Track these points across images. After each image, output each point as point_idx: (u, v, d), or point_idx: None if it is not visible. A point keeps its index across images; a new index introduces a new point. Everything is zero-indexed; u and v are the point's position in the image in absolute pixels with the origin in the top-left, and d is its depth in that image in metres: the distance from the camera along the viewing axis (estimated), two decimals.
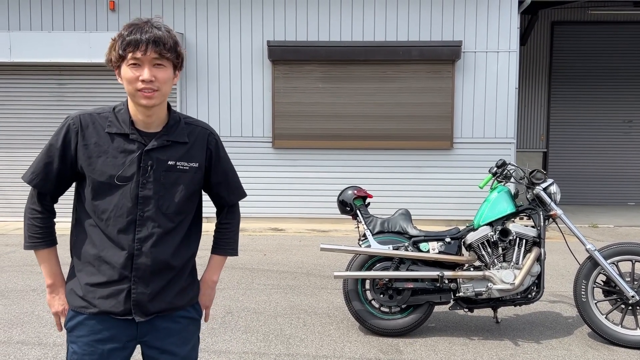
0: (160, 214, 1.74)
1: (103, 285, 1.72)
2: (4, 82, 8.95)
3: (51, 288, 1.82)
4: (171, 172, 1.75)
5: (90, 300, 1.73)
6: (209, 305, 2.01)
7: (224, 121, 8.85)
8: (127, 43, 1.65)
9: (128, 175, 1.70)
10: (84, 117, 1.74)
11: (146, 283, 1.73)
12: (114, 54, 1.69)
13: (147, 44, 1.64)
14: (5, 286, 5.13)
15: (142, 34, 1.65)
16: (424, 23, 8.70)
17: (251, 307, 4.58)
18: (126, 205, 1.70)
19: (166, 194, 1.75)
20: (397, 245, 3.94)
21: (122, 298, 1.72)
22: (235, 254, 2.04)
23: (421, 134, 8.72)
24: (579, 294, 3.87)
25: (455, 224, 8.58)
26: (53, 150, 1.73)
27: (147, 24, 1.68)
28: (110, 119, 1.74)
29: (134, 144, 1.72)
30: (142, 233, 1.72)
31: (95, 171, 1.70)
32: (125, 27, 1.69)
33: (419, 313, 3.93)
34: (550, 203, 3.91)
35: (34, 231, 1.77)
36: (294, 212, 8.86)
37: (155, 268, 1.74)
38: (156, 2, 8.79)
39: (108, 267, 1.72)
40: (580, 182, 11.69)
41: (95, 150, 1.70)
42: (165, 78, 1.69)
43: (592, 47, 11.68)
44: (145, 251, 1.72)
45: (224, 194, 1.96)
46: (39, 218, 1.77)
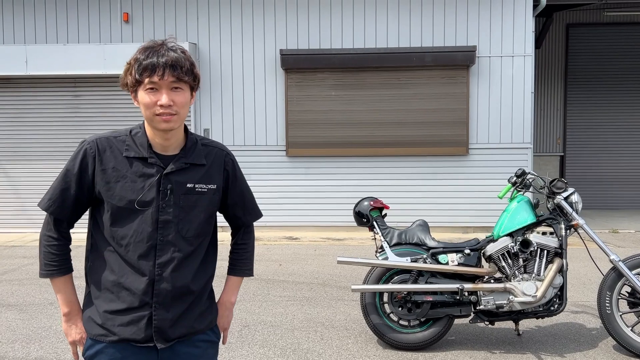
0: (180, 238, 1.72)
1: (123, 312, 1.69)
2: (21, 95, 9.05)
3: (68, 317, 1.79)
4: (190, 194, 1.73)
5: (109, 328, 1.70)
6: (227, 327, 1.99)
7: (238, 130, 8.85)
8: (143, 68, 1.62)
9: (148, 200, 1.68)
10: (100, 141, 1.71)
11: (167, 309, 1.71)
12: (130, 78, 1.66)
13: (164, 68, 1.61)
14: (23, 300, 5.15)
15: (159, 58, 1.62)
16: (438, 28, 8.64)
17: (268, 320, 4.55)
18: (146, 230, 1.68)
19: (186, 217, 1.73)
20: (415, 258, 3.88)
21: (142, 325, 1.69)
22: (251, 274, 2.03)
23: (436, 140, 8.64)
24: (603, 305, 3.78)
25: (473, 231, 8.52)
26: (70, 176, 1.70)
27: (162, 47, 1.65)
28: (128, 143, 1.71)
29: (152, 167, 1.69)
30: (163, 258, 1.69)
31: (114, 196, 1.68)
32: (141, 50, 1.67)
33: (438, 326, 3.86)
34: (571, 212, 3.83)
35: (50, 259, 1.74)
36: (308, 221, 8.82)
37: (176, 293, 1.72)
38: (169, 13, 8.84)
39: (128, 294, 1.69)
40: (599, 186, 11.50)
41: (113, 175, 1.68)
42: (183, 101, 1.67)
43: (608, 49, 11.51)
44: (166, 276, 1.69)
45: (240, 215, 1.95)
46: (55, 245, 1.74)
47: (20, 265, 6.68)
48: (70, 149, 8.94)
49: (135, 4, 8.85)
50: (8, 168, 9.13)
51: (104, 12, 8.88)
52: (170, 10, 8.83)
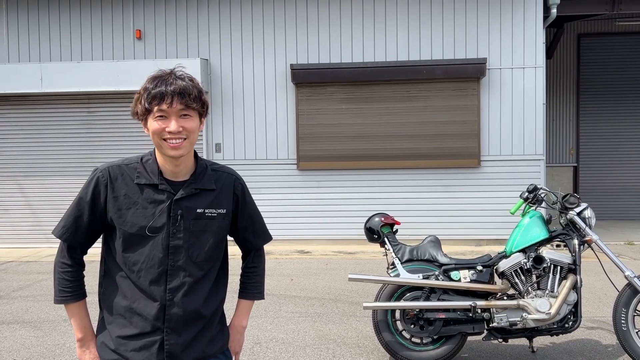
0: (190, 263, 1.74)
1: (135, 338, 1.72)
2: (36, 112, 9.19)
3: (82, 342, 1.81)
4: (200, 219, 1.75)
5: (122, 354, 1.73)
6: (238, 352, 2.00)
7: (249, 144, 8.90)
8: (152, 96, 1.66)
9: (159, 226, 1.71)
10: (112, 169, 1.75)
11: (178, 333, 1.73)
12: (140, 107, 1.70)
13: (173, 96, 1.65)
14: (37, 317, 5.19)
15: (167, 86, 1.66)
16: (448, 41, 8.65)
17: (279, 337, 4.54)
18: (157, 256, 1.71)
19: (196, 242, 1.75)
20: (427, 274, 3.86)
21: (154, 350, 1.71)
22: (262, 297, 2.04)
23: (448, 153, 8.62)
24: (619, 322, 3.72)
25: (485, 244, 8.46)
26: (83, 204, 1.74)
27: (170, 76, 1.69)
28: (139, 170, 1.75)
29: (163, 194, 1.72)
30: (174, 283, 1.72)
31: (126, 223, 1.70)
32: (150, 80, 1.70)
33: (451, 344, 3.83)
34: (585, 228, 3.79)
35: (65, 285, 1.77)
36: (320, 234, 8.82)
37: (187, 318, 1.74)
38: (181, 29, 8.95)
39: (140, 319, 1.71)
40: (613, 197, 11.37)
41: (125, 202, 1.71)
42: (192, 127, 1.70)
43: (620, 59, 11.44)
44: (177, 301, 1.72)
45: (251, 238, 1.97)
46: (69, 272, 1.77)
47: (35, 281, 6.75)
48: (84, 165, 9.07)
49: (147, 21, 8.98)
50: (23, 184, 9.26)
51: (117, 30, 9.02)
52: (182, 27, 8.95)
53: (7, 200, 9.28)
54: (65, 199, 9.08)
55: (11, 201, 9.27)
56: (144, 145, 8.55)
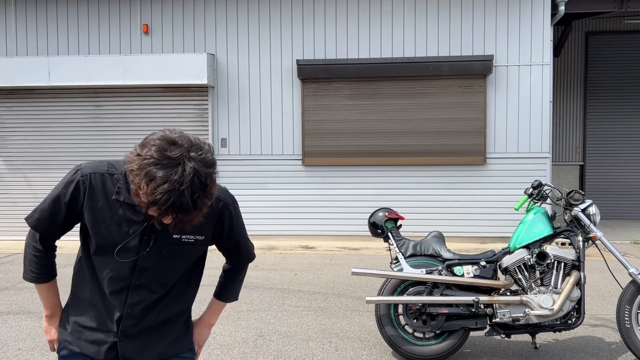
0: (155, 283, 1.71)
1: (90, 330, 1.73)
2: (43, 105, 9.25)
3: (49, 318, 1.85)
4: (175, 245, 1.67)
5: (74, 340, 1.75)
6: (201, 345, 1.98)
7: (255, 140, 8.92)
8: (157, 207, 1.42)
9: (130, 247, 1.64)
10: (95, 177, 1.65)
11: (132, 341, 1.73)
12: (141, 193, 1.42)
13: (176, 216, 1.45)
14: None
15: (178, 208, 1.40)
16: (454, 38, 8.63)
17: (283, 330, 4.56)
18: (123, 272, 1.67)
19: (166, 265, 1.70)
20: (430, 269, 3.86)
21: (104, 349, 1.71)
22: (236, 299, 2.03)
23: (453, 150, 8.60)
24: (622, 319, 3.72)
25: (490, 241, 8.44)
26: (60, 202, 1.68)
27: (185, 179, 1.38)
28: (120, 185, 1.64)
29: (139, 215, 1.62)
30: (134, 299, 1.69)
31: (98, 235, 1.65)
32: (162, 176, 1.38)
33: (454, 339, 3.83)
34: (589, 225, 3.78)
35: (34, 267, 1.78)
36: (324, 230, 8.83)
37: (142, 329, 1.73)
38: (188, 24, 8.97)
39: (98, 315, 1.72)
40: (620, 196, 11.32)
41: (100, 215, 1.64)
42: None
43: (628, 57, 11.37)
44: (135, 314, 1.70)
45: (234, 258, 1.94)
46: (39, 256, 1.77)
47: None
48: (91, 158, 9.05)
49: (154, 15, 9.00)
50: (30, 176, 9.32)
51: (124, 24, 9.05)
52: (189, 22, 8.97)
53: (15, 192, 9.34)
54: None
55: (18, 194, 9.33)
56: None
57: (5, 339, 4.36)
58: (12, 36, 9.21)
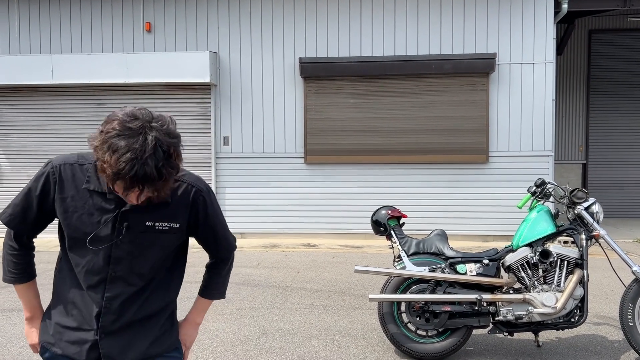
0: (132, 274, 1.67)
1: (71, 329, 1.69)
2: (46, 104, 9.27)
3: (29, 320, 1.81)
4: (148, 232, 1.64)
5: (56, 341, 1.71)
6: (189, 347, 1.93)
7: (257, 138, 8.93)
8: (123, 181, 1.42)
9: (102, 235, 1.62)
10: (64, 167, 1.64)
11: (114, 338, 1.69)
12: (107, 171, 1.43)
13: (142, 189, 1.45)
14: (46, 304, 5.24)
15: (142, 178, 1.41)
16: (457, 36, 8.62)
17: (285, 327, 4.57)
18: (98, 264, 1.63)
19: (141, 254, 1.66)
20: (433, 267, 3.87)
21: (85, 348, 1.68)
22: (223, 297, 1.97)
23: (456, 148, 8.60)
24: (625, 317, 3.72)
25: (492, 240, 8.44)
26: (32, 196, 1.66)
27: (147, 147, 1.41)
28: (90, 174, 1.63)
29: (111, 203, 1.61)
30: (111, 292, 1.65)
31: (70, 226, 1.63)
32: (123, 145, 1.40)
33: (456, 337, 3.84)
34: (592, 223, 3.78)
35: (12, 266, 1.74)
36: (326, 228, 8.84)
37: (122, 325, 1.69)
38: (190, 22, 8.98)
39: (79, 313, 1.69)
40: (622, 194, 11.31)
41: (71, 205, 1.62)
42: (162, 194, 1.54)
43: (631, 55, 11.35)
44: (114, 309, 1.66)
45: (212, 249, 1.88)
46: (16, 255, 1.74)
47: (44, 270, 6.78)
48: None
49: (157, 14, 9.01)
50: (33, 175, 9.32)
51: (127, 22, 9.06)
52: (192, 20, 8.97)
53: (18, 191, 9.34)
54: None
55: None
56: None
57: (9, 336, 4.38)
58: (15, 34, 9.23)
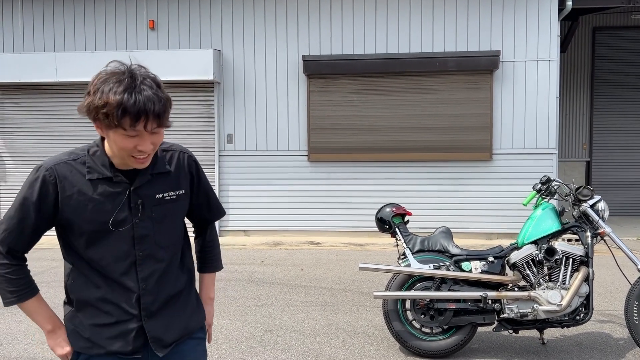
0: (158, 249, 1.71)
1: (111, 326, 1.68)
2: (50, 101, 9.28)
3: (52, 332, 1.73)
4: (160, 205, 1.70)
5: (97, 342, 1.69)
6: (211, 323, 2.01)
7: (260, 135, 8.93)
8: (128, 115, 1.48)
9: (121, 219, 1.64)
10: (59, 166, 1.62)
11: (157, 318, 1.72)
12: (105, 119, 1.50)
13: (149, 116, 1.50)
14: (51, 302, 5.22)
15: (146, 104, 1.49)
16: (461, 33, 8.60)
17: (290, 325, 4.57)
18: (124, 248, 1.65)
19: (160, 228, 1.70)
20: (438, 265, 3.86)
21: (130, 338, 1.68)
22: (222, 267, 2.06)
23: (459, 146, 8.58)
24: (631, 315, 3.71)
25: (497, 237, 8.43)
26: (28, 205, 1.60)
27: (141, 83, 1.51)
28: (89, 164, 1.64)
29: (119, 186, 1.64)
30: (144, 272, 1.68)
31: (86, 220, 1.62)
32: (117, 88, 1.48)
33: (461, 334, 3.83)
34: (598, 221, 3.77)
35: (14, 284, 1.65)
36: (330, 226, 8.84)
37: (163, 302, 1.73)
38: (194, 20, 8.97)
39: (115, 308, 1.68)
40: (626, 192, 11.27)
41: (80, 200, 1.61)
42: (160, 140, 1.62)
43: (635, 53, 11.30)
44: (151, 289, 1.69)
45: (206, 215, 1.94)
46: (13, 270, 1.65)
47: (49, 267, 6.84)
48: None
49: (160, 11, 9.01)
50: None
51: (130, 20, 9.06)
52: (195, 17, 8.97)
53: None
54: None
55: None
56: None
57: (14, 333, 4.39)
58: (19, 32, 9.24)
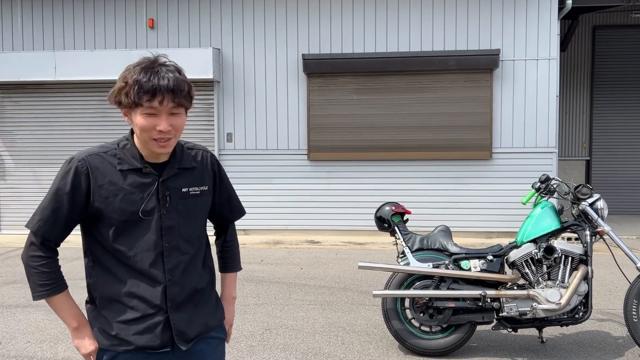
0: (183, 242, 1.76)
1: (137, 321, 1.71)
2: (50, 100, 9.28)
3: (77, 330, 1.75)
4: (186, 199, 1.77)
5: (124, 338, 1.70)
6: (232, 323, 2.05)
7: (260, 134, 8.93)
8: (144, 91, 1.59)
9: (149, 209, 1.70)
10: (91, 158, 1.69)
11: (181, 310, 1.76)
12: (126, 99, 1.62)
13: (165, 94, 1.59)
14: None
15: (160, 80, 1.59)
16: (461, 32, 8.59)
17: (289, 323, 4.57)
18: (152, 239, 1.70)
19: (185, 221, 1.77)
20: (437, 263, 3.86)
21: (158, 331, 1.71)
22: (241, 268, 2.11)
23: (459, 145, 8.58)
24: (630, 314, 3.71)
25: (496, 236, 8.43)
26: (61, 195, 1.66)
27: (161, 67, 1.62)
28: (119, 156, 1.71)
29: (148, 177, 1.71)
30: (171, 263, 1.73)
31: (115, 210, 1.67)
32: (137, 70, 1.61)
33: (460, 333, 3.84)
34: (597, 219, 3.77)
35: (45, 278, 1.69)
36: (330, 225, 8.84)
37: (187, 295, 1.77)
38: (193, 19, 8.97)
39: (140, 302, 1.70)
40: (626, 191, 11.27)
41: (111, 190, 1.67)
42: (180, 124, 1.68)
43: (635, 52, 11.29)
44: (177, 280, 1.74)
45: (227, 213, 1.99)
46: (45, 264, 1.69)
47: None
48: None
49: (160, 10, 9.00)
50: (38, 171, 9.36)
51: (129, 19, 9.05)
52: (195, 16, 8.96)
53: (22, 187, 9.39)
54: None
55: (26, 188, 9.38)
56: None
57: (13, 332, 4.39)
58: (19, 31, 9.24)
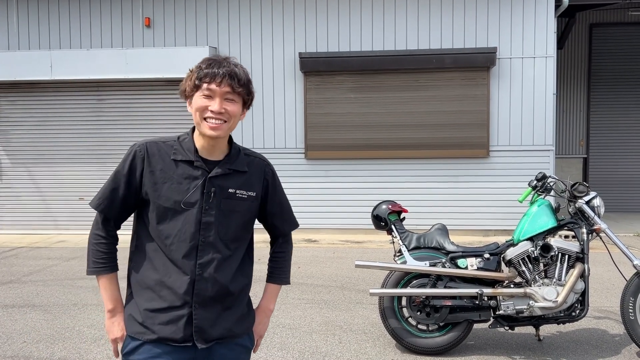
0: (219, 240, 1.79)
1: (163, 311, 1.75)
2: (46, 99, 9.25)
3: (112, 313, 1.84)
4: (231, 199, 1.81)
5: (149, 326, 1.75)
6: (262, 335, 2.03)
7: (257, 132, 8.91)
8: (204, 74, 1.71)
9: (192, 201, 1.76)
10: (150, 144, 1.80)
11: (206, 308, 1.76)
12: (189, 84, 1.75)
13: (223, 77, 1.70)
14: (47, 300, 5.26)
15: (220, 68, 1.71)
16: (457, 30, 8.58)
17: (286, 322, 4.57)
18: (189, 231, 1.75)
19: (225, 220, 1.80)
20: (434, 262, 3.86)
21: (182, 324, 1.74)
22: (288, 282, 2.09)
23: (456, 143, 8.58)
24: (627, 311, 3.71)
25: (493, 234, 8.43)
26: (119, 177, 1.78)
27: (225, 60, 1.75)
28: (176, 147, 1.80)
29: (198, 170, 1.78)
30: (204, 258, 1.76)
31: (161, 197, 1.76)
32: (204, 60, 1.76)
33: (457, 331, 3.84)
34: (593, 217, 3.77)
35: (98, 256, 1.81)
36: (327, 223, 8.83)
37: (215, 293, 1.77)
38: (190, 17, 8.94)
39: (169, 293, 1.75)
40: (623, 189, 11.29)
41: (161, 176, 1.76)
42: (234, 111, 1.75)
43: (632, 50, 11.30)
44: (207, 276, 1.75)
45: (279, 224, 2.03)
46: (103, 244, 1.81)
47: (45, 266, 6.82)
48: (94, 153, 9.13)
49: (156, 9, 8.98)
50: (33, 170, 9.33)
51: (126, 17, 9.02)
52: (191, 15, 8.94)
53: (18, 186, 9.36)
54: (75, 186, 9.16)
55: (22, 188, 9.35)
56: (153, 132, 8.58)
57: (10, 332, 4.38)
58: (14, 30, 9.20)
